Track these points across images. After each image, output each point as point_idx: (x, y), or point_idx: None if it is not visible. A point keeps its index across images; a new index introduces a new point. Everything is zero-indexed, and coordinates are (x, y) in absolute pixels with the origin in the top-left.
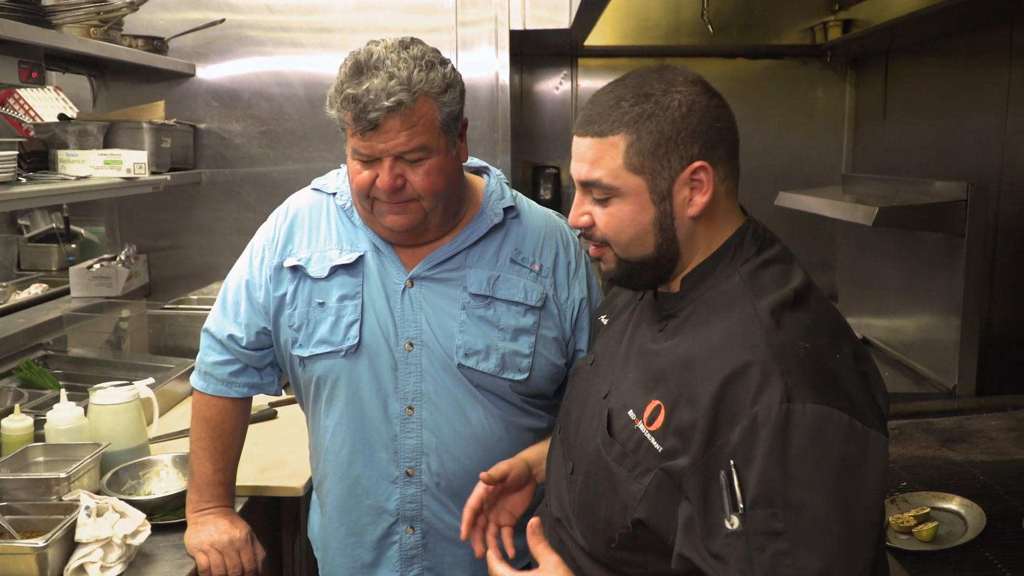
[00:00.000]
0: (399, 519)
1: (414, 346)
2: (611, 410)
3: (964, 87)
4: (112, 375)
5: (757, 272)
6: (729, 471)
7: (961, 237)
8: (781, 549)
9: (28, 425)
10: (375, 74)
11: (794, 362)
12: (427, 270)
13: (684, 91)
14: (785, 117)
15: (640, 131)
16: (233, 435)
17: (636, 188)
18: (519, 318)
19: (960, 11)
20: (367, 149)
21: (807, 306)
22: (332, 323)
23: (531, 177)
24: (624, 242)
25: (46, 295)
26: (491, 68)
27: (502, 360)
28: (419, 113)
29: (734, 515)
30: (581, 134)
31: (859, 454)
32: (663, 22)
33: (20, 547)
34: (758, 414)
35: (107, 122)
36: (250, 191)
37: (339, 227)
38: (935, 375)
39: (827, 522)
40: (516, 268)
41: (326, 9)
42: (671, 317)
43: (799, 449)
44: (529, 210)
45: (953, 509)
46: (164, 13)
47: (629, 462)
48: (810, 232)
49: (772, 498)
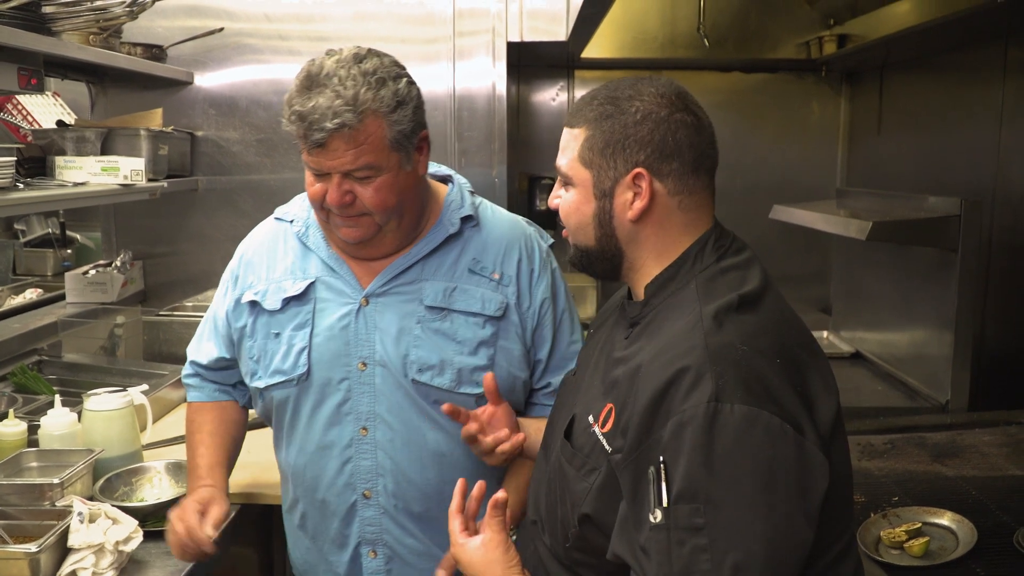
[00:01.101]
0: (362, 542)
1: (367, 365)
2: (574, 415)
3: (958, 103)
4: (106, 381)
5: (713, 279)
6: (658, 466)
7: (954, 252)
8: (700, 544)
9: (22, 430)
10: (322, 91)
11: (728, 363)
12: (381, 286)
13: (647, 101)
14: (780, 131)
15: (596, 129)
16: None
17: (584, 181)
18: (477, 330)
19: (955, 27)
20: (316, 165)
21: (754, 310)
22: (284, 352)
23: (528, 188)
24: (572, 228)
25: (41, 300)
26: (488, 79)
27: (458, 375)
28: (366, 132)
29: (658, 509)
30: (565, 123)
31: (789, 458)
32: (659, 35)
33: (13, 552)
34: (686, 412)
35: (105, 129)
36: (246, 199)
37: (293, 255)
38: (928, 390)
39: (747, 520)
40: (475, 278)
41: (324, 18)
42: (635, 324)
43: (723, 447)
44: (492, 217)
45: (944, 524)
46: (163, 21)
47: (578, 462)
48: (804, 245)
49: (695, 494)
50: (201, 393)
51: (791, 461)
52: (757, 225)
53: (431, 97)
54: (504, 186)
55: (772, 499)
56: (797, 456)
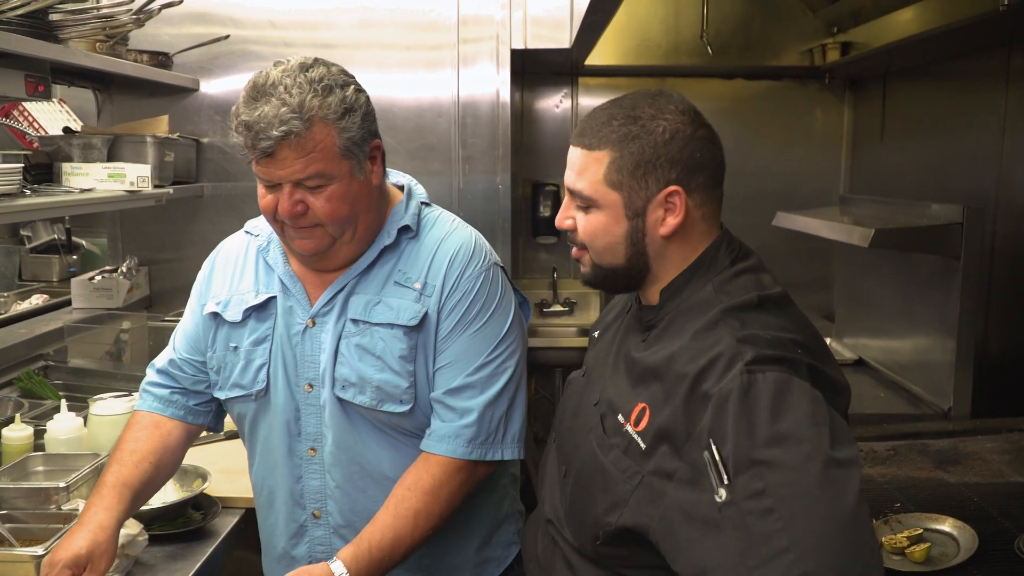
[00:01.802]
0: (311, 562)
1: (313, 386)
2: (602, 415)
3: (961, 110)
4: (112, 386)
5: (729, 281)
6: (710, 450)
7: (957, 259)
8: (766, 506)
9: (28, 435)
10: (268, 100)
11: (755, 345)
12: (324, 304)
13: (671, 119)
14: (783, 138)
15: (623, 150)
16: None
17: (612, 202)
18: (395, 343)
19: (958, 35)
20: (266, 175)
21: (772, 310)
22: (243, 367)
23: (531, 194)
24: (598, 249)
25: (47, 306)
26: (492, 86)
27: (378, 392)
28: (314, 140)
29: (722, 488)
30: (574, 144)
31: (827, 417)
32: (663, 42)
33: (19, 555)
34: (722, 389)
35: (111, 136)
36: (251, 205)
37: (257, 269)
38: (930, 396)
39: (803, 476)
40: (399, 289)
41: (329, 26)
42: (652, 327)
43: (765, 410)
44: (433, 228)
45: (946, 531)
46: (169, 28)
47: (623, 464)
48: (807, 252)
49: (749, 461)
50: (149, 401)
51: (827, 419)
52: (760, 232)
53: (435, 103)
54: (508, 192)
55: (820, 450)
56: (831, 416)
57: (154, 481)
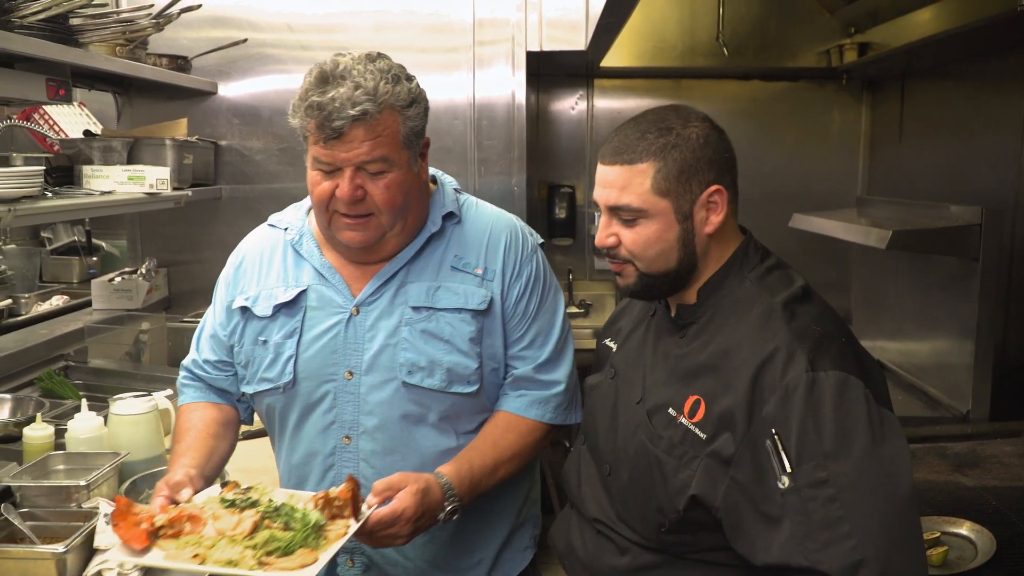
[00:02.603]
0: (340, 551)
1: (354, 374)
2: (648, 411)
3: (980, 111)
4: (131, 386)
5: (764, 277)
6: (773, 439)
7: (975, 261)
8: (828, 495)
9: (49, 434)
10: (341, 83)
11: (812, 340)
12: (371, 294)
13: (700, 126)
14: (800, 139)
15: (666, 159)
16: (213, 430)
17: (663, 209)
18: (463, 327)
19: (976, 35)
20: (329, 158)
21: (811, 301)
22: (271, 360)
23: (547, 196)
24: (651, 257)
25: (67, 307)
26: (508, 87)
27: (448, 375)
28: (383, 124)
29: (784, 476)
30: (610, 163)
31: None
32: (679, 44)
33: (40, 552)
34: (788, 384)
35: (131, 139)
36: (269, 207)
37: (286, 263)
38: (949, 399)
39: (863, 466)
40: (458, 275)
41: (345, 28)
42: (690, 324)
43: (828, 407)
44: (476, 212)
45: (963, 534)
46: (188, 32)
47: (678, 451)
48: (824, 254)
49: (813, 452)
50: (188, 395)
51: (879, 420)
52: (777, 234)
53: (451, 106)
54: (523, 194)
55: (878, 449)
56: (882, 417)
57: (219, 446)
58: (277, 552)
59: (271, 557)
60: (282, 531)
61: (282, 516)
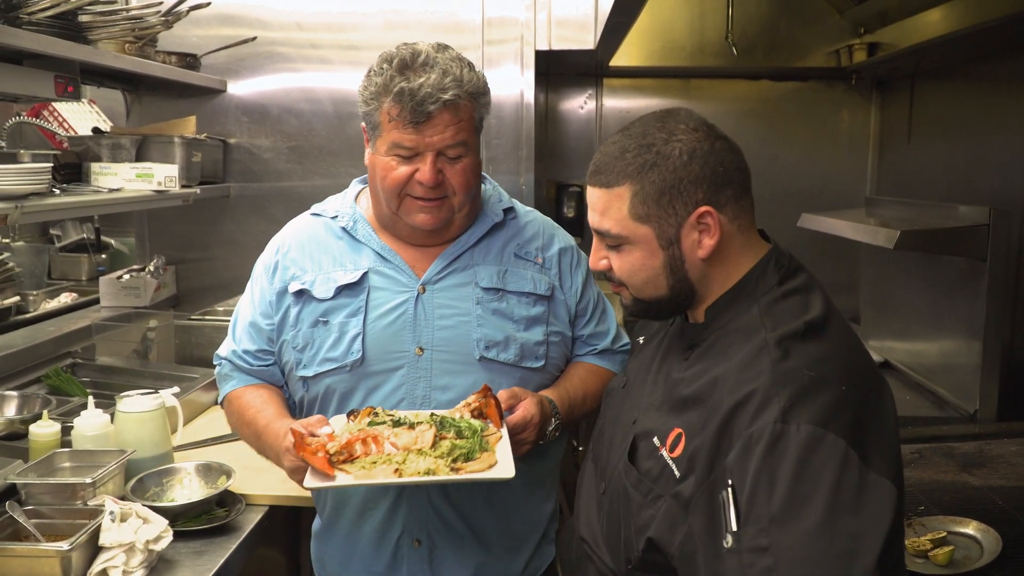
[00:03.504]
0: (404, 532)
1: (424, 351)
2: (636, 436)
3: (989, 111)
4: (139, 384)
5: (775, 303)
6: (727, 491)
7: (983, 261)
8: (767, 565)
9: (56, 431)
10: (428, 71)
11: (795, 386)
12: (438, 273)
13: (685, 139)
14: (810, 139)
15: (643, 181)
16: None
17: (644, 236)
18: (530, 308)
19: (986, 35)
20: (412, 143)
21: (819, 338)
22: (335, 340)
23: (555, 195)
24: (638, 284)
25: (76, 304)
26: (516, 87)
27: (520, 349)
28: (464, 110)
29: (728, 534)
30: (591, 184)
31: (853, 484)
32: (688, 44)
33: (45, 550)
34: (753, 433)
35: (140, 136)
36: (277, 205)
37: (341, 248)
38: (956, 399)
39: (812, 542)
40: (521, 262)
41: (355, 27)
42: (695, 346)
43: (789, 466)
44: (526, 212)
45: (970, 533)
46: (197, 30)
47: (644, 487)
48: (833, 254)
49: (759, 514)
50: (238, 380)
51: (855, 487)
52: (786, 234)
53: None
54: (531, 193)
55: (837, 522)
56: (861, 484)
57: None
58: (461, 459)
59: (457, 464)
60: (456, 440)
61: (449, 427)
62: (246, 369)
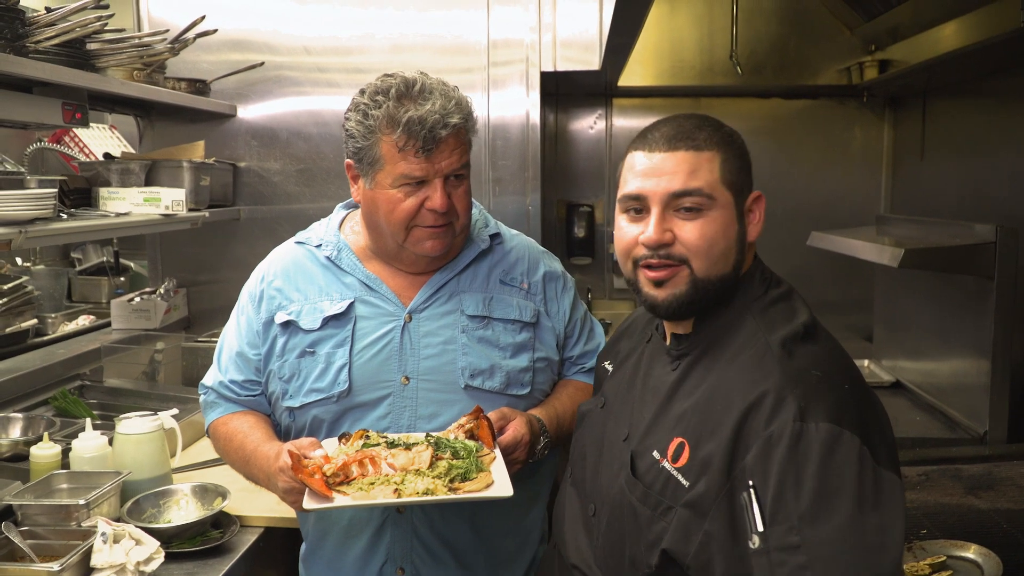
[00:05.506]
0: (388, 560)
1: (410, 380)
2: (634, 452)
3: (1002, 128)
4: (145, 405)
5: (766, 310)
6: (749, 492)
7: (991, 280)
8: (800, 563)
9: (55, 453)
10: (430, 98)
11: (807, 386)
12: (424, 300)
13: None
14: (822, 157)
15: (729, 151)
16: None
17: (728, 202)
18: (515, 335)
19: (998, 52)
20: (423, 171)
21: (815, 339)
22: (322, 370)
23: (565, 215)
24: (714, 256)
25: (91, 327)
26: (522, 108)
27: (506, 377)
28: (463, 133)
29: (755, 535)
30: (666, 149)
31: (869, 479)
32: (697, 63)
33: (36, 571)
34: (772, 434)
35: (149, 161)
36: (287, 228)
37: (327, 277)
38: (967, 420)
39: (842, 535)
40: (507, 288)
41: (362, 51)
42: (684, 356)
43: (812, 464)
44: (511, 236)
45: (970, 558)
46: (207, 56)
47: (652, 501)
48: (848, 273)
49: (788, 513)
50: (224, 408)
51: (873, 482)
52: (799, 252)
53: None
54: (537, 214)
55: (864, 517)
56: (876, 479)
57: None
58: (458, 479)
59: (455, 483)
60: (453, 460)
61: (445, 448)
62: (232, 399)
